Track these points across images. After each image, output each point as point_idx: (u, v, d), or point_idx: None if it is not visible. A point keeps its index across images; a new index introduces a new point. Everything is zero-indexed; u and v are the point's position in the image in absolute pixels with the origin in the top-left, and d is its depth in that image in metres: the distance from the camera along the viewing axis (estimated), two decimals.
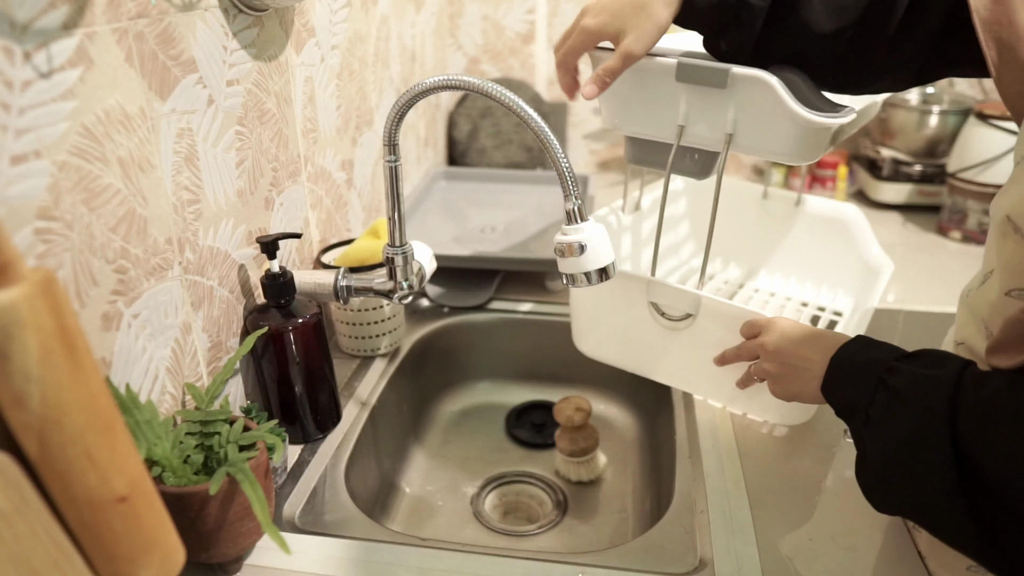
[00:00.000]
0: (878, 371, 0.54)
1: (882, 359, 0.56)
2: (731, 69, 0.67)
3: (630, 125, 0.79)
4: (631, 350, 0.87)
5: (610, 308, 0.85)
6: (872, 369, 0.55)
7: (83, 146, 0.53)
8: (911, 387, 0.51)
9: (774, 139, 0.70)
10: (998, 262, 0.52)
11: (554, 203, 1.31)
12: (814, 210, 1.08)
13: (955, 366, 0.50)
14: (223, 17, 0.70)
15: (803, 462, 0.76)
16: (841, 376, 0.60)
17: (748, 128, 0.71)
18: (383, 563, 0.64)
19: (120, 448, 0.42)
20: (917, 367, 0.53)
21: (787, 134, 0.69)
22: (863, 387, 0.55)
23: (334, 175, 0.99)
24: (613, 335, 0.88)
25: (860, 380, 0.56)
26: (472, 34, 1.60)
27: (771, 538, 0.66)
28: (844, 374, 0.59)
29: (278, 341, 0.74)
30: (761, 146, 0.72)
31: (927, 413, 0.48)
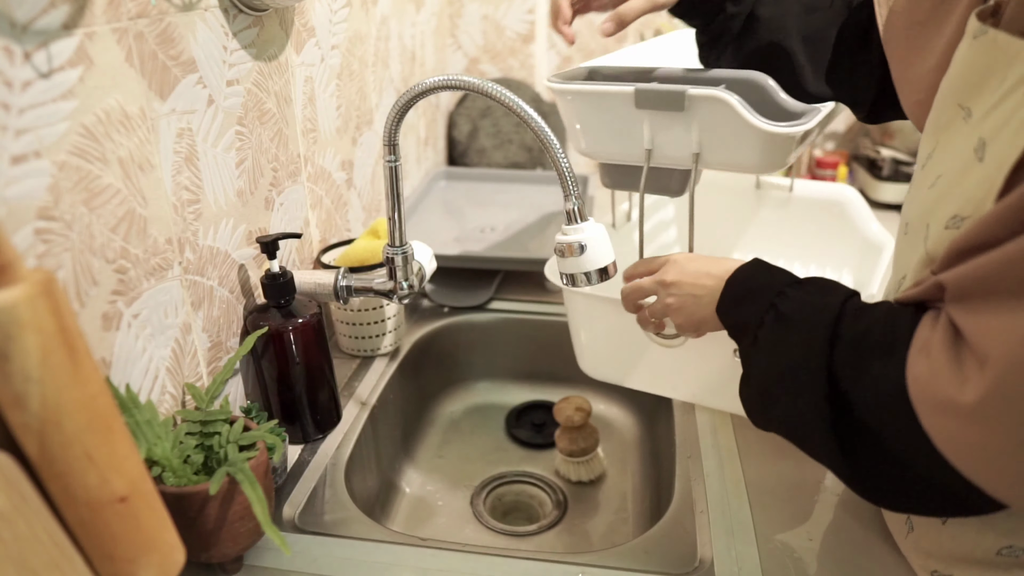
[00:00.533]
0: (770, 295, 0.56)
1: (775, 283, 0.57)
2: (687, 91, 0.67)
3: (601, 152, 0.80)
4: (633, 369, 0.86)
5: (607, 330, 0.85)
6: (765, 292, 0.57)
7: (83, 146, 0.53)
8: (797, 312, 0.53)
9: (740, 153, 0.70)
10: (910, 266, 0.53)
11: (554, 203, 1.31)
12: (809, 194, 1.07)
13: (841, 295, 0.52)
14: (223, 17, 0.70)
15: (803, 462, 0.75)
16: (735, 297, 0.60)
17: (713, 145, 0.71)
18: (383, 563, 0.64)
19: (120, 448, 0.42)
20: (806, 293, 0.54)
21: (751, 147, 0.69)
22: (754, 309, 0.56)
23: (334, 175, 0.99)
24: (613, 356, 0.87)
25: (752, 302, 0.57)
26: (472, 34, 1.60)
27: (771, 538, 0.66)
28: (738, 295, 0.60)
29: (278, 341, 0.74)
30: (729, 161, 0.72)
31: (808, 340, 0.51)
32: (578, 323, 0.87)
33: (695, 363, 0.80)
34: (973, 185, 0.44)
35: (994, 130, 0.44)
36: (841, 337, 0.49)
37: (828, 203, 1.06)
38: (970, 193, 0.45)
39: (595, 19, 1.56)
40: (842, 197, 1.04)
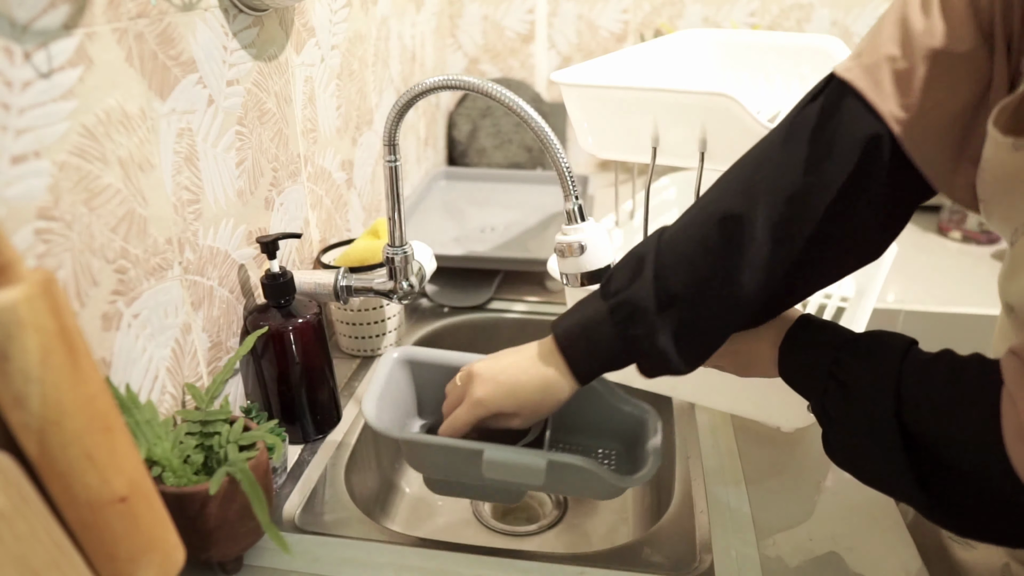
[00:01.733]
0: (826, 363, 0.55)
1: (826, 350, 0.55)
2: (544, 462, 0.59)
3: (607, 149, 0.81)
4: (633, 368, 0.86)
5: None
6: (821, 360, 0.55)
7: (83, 146, 0.53)
8: (857, 381, 0.52)
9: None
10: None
11: (554, 203, 1.31)
12: None
13: (897, 354, 0.51)
14: (223, 17, 0.70)
15: (803, 462, 0.76)
16: (793, 366, 0.59)
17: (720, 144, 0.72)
18: (383, 563, 0.64)
19: (120, 448, 0.42)
20: (860, 357, 0.53)
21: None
22: (814, 379, 0.56)
23: (334, 175, 0.99)
24: None
25: (811, 371, 0.56)
26: (472, 34, 1.60)
27: (771, 537, 0.66)
28: (796, 363, 0.59)
29: (278, 341, 0.74)
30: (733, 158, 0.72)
31: (874, 408, 0.50)
32: None
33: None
34: None
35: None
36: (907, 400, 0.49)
37: None
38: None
39: (595, 19, 1.56)
40: None
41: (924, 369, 0.50)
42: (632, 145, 0.77)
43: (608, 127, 0.77)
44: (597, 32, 1.57)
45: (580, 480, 0.61)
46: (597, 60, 0.89)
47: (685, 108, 0.70)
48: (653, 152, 0.75)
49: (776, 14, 1.47)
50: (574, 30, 1.58)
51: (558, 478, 0.60)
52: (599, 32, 1.57)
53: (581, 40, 1.58)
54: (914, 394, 0.49)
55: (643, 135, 0.75)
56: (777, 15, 1.47)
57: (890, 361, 0.51)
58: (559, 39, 1.59)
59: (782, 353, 0.59)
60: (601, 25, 1.57)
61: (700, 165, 0.73)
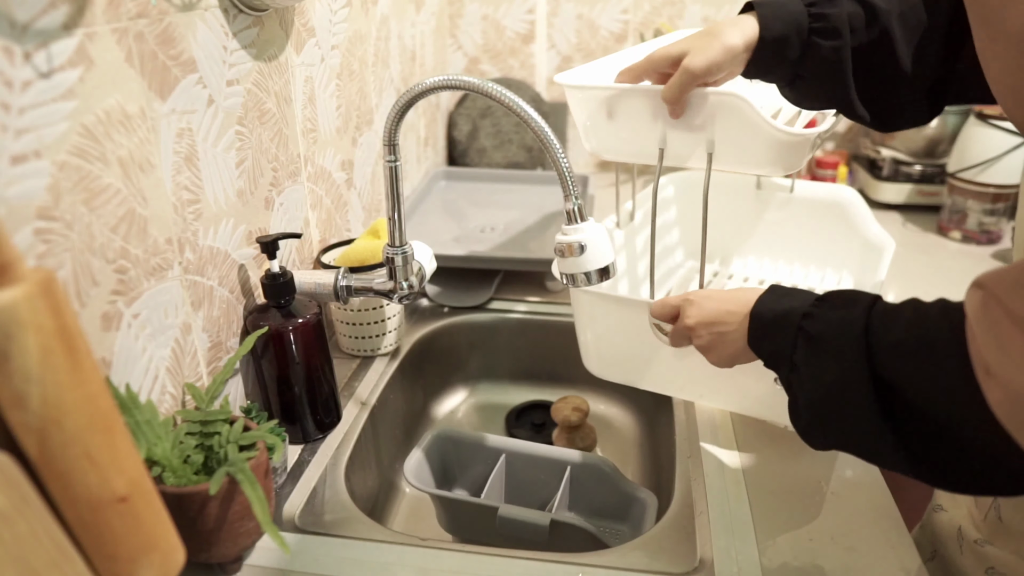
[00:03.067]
0: (795, 319, 0.57)
1: (797, 307, 0.58)
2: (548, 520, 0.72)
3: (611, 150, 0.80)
4: (640, 369, 0.86)
5: (615, 332, 0.84)
6: (789, 318, 0.57)
7: (83, 146, 0.53)
8: (827, 332, 0.54)
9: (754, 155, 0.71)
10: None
11: (554, 203, 1.31)
12: (809, 195, 1.08)
13: (863, 306, 0.53)
14: (223, 17, 0.70)
15: (803, 462, 0.76)
16: (762, 329, 0.61)
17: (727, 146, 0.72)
18: (383, 563, 0.64)
19: (120, 448, 0.42)
20: (829, 310, 0.55)
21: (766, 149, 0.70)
22: (784, 337, 0.57)
23: (334, 175, 0.99)
24: (621, 357, 0.87)
25: (780, 331, 0.58)
26: (472, 34, 1.60)
27: (771, 538, 0.66)
28: (764, 326, 0.61)
29: (278, 341, 0.74)
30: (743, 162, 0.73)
31: (844, 356, 0.52)
32: (584, 322, 0.87)
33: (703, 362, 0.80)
34: None
35: None
36: (875, 348, 0.50)
37: (829, 204, 1.06)
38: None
39: (595, 19, 1.56)
40: (842, 198, 1.05)
41: (890, 315, 0.51)
42: (638, 147, 0.77)
43: (613, 129, 0.77)
44: (597, 32, 1.57)
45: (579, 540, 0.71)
46: (599, 61, 0.89)
47: (693, 109, 0.70)
48: (660, 154, 0.75)
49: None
50: (574, 30, 1.58)
51: (560, 536, 0.71)
52: (599, 32, 1.57)
53: (581, 40, 1.58)
54: (881, 339, 0.50)
55: (649, 137, 0.75)
56: None
57: (858, 310, 0.53)
58: (559, 39, 1.59)
59: (753, 319, 0.61)
60: (601, 25, 1.57)
61: (708, 166, 0.73)
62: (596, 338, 0.87)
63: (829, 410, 0.54)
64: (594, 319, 0.86)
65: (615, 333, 0.85)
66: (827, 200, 1.06)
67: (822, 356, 0.54)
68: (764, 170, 0.74)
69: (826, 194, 1.06)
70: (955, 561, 0.68)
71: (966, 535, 0.67)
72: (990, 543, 0.65)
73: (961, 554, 0.67)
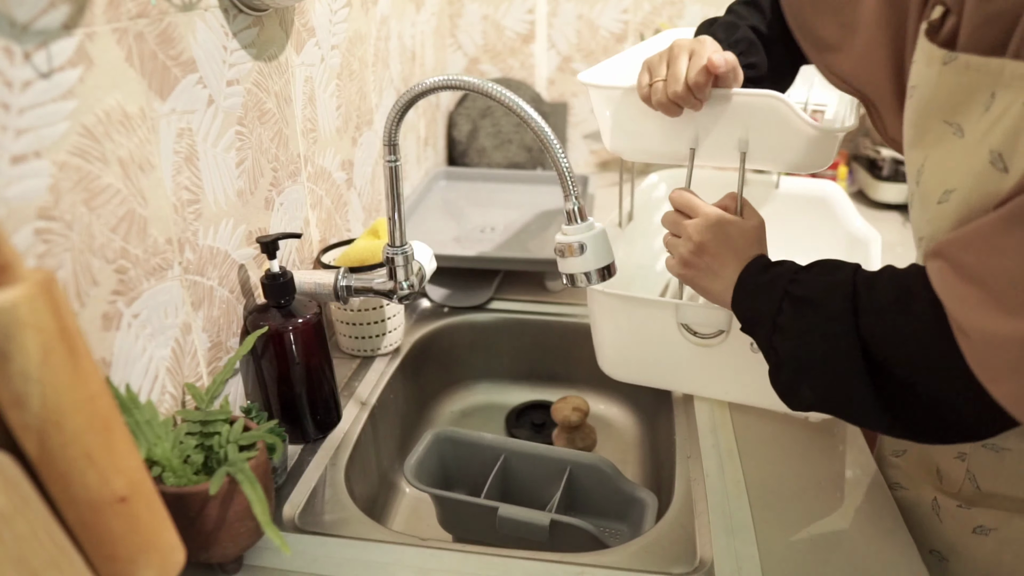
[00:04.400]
0: (781, 283, 0.60)
1: (783, 273, 0.62)
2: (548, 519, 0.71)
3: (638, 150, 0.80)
4: (661, 369, 0.86)
5: (637, 332, 0.84)
6: (776, 283, 0.61)
7: (83, 146, 0.53)
8: (815, 293, 0.58)
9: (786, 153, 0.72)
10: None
11: (554, 203, 1.31)
12: (794, 191, 1.09)
13: (848, 271, 0.58)
14: (223, 17, 0.70)
15: (803, 462, 0.76)
16: (746, 293, 0.64)
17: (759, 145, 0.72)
18: (383, 563, 0.64)
19: (120, 448, 0.42)
20: (816, 275, 0.60)
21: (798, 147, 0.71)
22: (769, 300, 0.61)
23: (334, 175, 0.99)
24: (641, 358, 0.86)
25: (765, 294, 0.62)
26: (472, 34, 1.60)
27: (771, 538, 0.66)
28: (749, 291, 0.64)
29: (278, 341, 0.74)
30: (774, 160, 0.74)
31: (832, 314, 0.55)
32: (601, 323, 0.87)
33: (728, 361, 0.80)
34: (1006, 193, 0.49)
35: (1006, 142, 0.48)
36: (861, 308, 0.54)
37: (813, 199, 1.07)
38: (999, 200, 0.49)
39: (595, 19, 1.56)
40: (826, 193, 1.06)
41: (872, 279, 0.56)
42: (667, 148, 0.76)
43: (641, 130, 0.76)
44: (597, 32, 1.57)
45: (579, 540, 0.71)
46: (620, 56, 0.88)
47: (728, 109, 0.70)
48: (691, 155, 0.75)
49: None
50: (574, 30, 1.58)
51: (560, 536, 0.71)
52: (599, 32, 1.57)
53: (581, 40, 1.58)
54: (865, 301, 0.54)
55: (680, 138, 0.74)
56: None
57: (844, 275, 0.57)
58: (559, 39, 1.59)
59: (739, 282, 0.65)
60: (601, 25, 1.56)
61: (741, 167, 0.73)
62: (613, 338, 0.87)
63: (815, 368, 0.57)
64: (611, 320, 0.85)
65: (634, 333, 0.84)
66: (812, 195, 1.07)
67: (810, 316, 0.57)
68: (794, 168, 0.74)
69: (811, 189, 1.08)
70: (934, 530, 0.69)
71: (943, 504, 0.68)
72: (977, 505, 0.66)
73: (941, 522, 0.68)
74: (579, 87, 1.62)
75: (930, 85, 0.55)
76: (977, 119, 0.51)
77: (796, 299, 0.59)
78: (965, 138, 0.53)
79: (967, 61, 0.51)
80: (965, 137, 0.53)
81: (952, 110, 0.53)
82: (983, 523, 0.65)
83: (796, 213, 1.08)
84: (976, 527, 0.65)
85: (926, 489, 0.70)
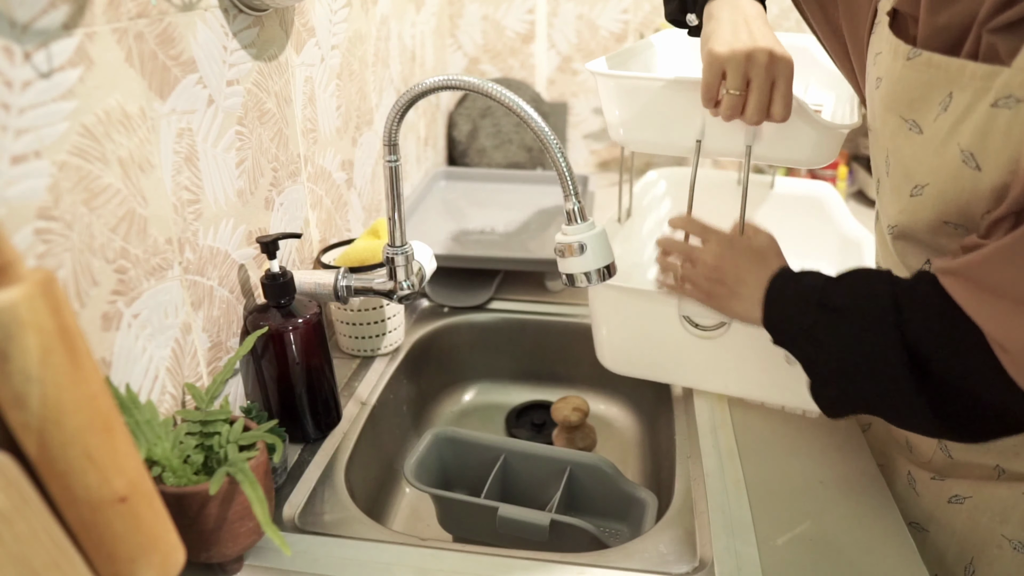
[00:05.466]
0: (814, 296, 0.60)
1: (814, 284, 0.61)
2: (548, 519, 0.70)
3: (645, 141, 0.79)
4: (662, 362, 0.86)
5: (639, 325, 0.84)
6: (807, 295, 0.61)
7: (83, 146, 0.53)
8: (853, 303, 0.57)
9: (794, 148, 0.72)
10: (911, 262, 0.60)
11: (554, 203, 1.31)
12: (788, 191, 1.09)
13: (885, 280, 0.57)
14: (223, 17, 0.70)
15: (803, 462, 0.76)
16: (777, 309, 0.64)
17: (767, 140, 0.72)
18: (383, 563, 0.64)
19: (120, 448, 0.42)
20: (851, 284, 0.59)
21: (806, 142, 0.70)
22: (803, 312, 0.60)
23: (334, 175, 0.99)
24: (642, 351, 0.87)
25: (797, 308, 0.61)
26: (472, 34, 1.60)
27: (771, 538, 0.66)
28: (780, 306, 0.64)
29: (278, 341, 0.74)
30: (780, 156, 0.74)
31: (875, 324, 0.55)
32: (601, 317, 0.87)
33: (730, 354, 0.80)
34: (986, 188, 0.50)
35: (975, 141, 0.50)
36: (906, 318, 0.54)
37: (807, 199, 1.08)
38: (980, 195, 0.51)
39: (595, 19, 1.56)
40: (820, 194, 1.07)
41: (913, 286, 0.55)
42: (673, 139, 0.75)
43: (648, 120, 0.76)
44: (597, 32, 1.57)
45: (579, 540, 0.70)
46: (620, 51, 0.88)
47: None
48: (697, 147, 0.75)
49: (776, 14, 1.47)
50: (574, 30, 1.58)
51: (560, 536, 0.71)
52: (599, 32, 1.57)
53: (581, 40, 1.58)
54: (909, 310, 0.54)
55: (687, 129, 0.74)
56: (777, 15, 1.47)
57: (881, 284, 0.57)
58: (559, 39, 1.59)
59: (768, 298, 0.64)
60: (601, 25, 1.56)
61: (747, 160, 0.73)
62: (614, 332, 0.87)
63: (860, 378, 0.56)
64: (612, 313, 0.85)
65: (635, 327, 0.85)
66: (805, 195, 1.08)
67: (853, 327, 0.57)
68: (797, 163, 0.74)
69: (804, 190, 1.08)
70: (912, 503, 0.71)
71: (918, 477, 0.70)
72: (950, 476, 0.67)
73: (918, 495, 0.70)
74: (579, 87, 1.62)
75: (893, 78, 0.56)
76: (935, 117, 0.52)
77: (834, 309, 0.58)
78: (924, 135, 0.54)
79: (929, 59, 0.52)
80: (924, 134, 0.54)
81: (908, 106, 0.54)
82: (958, 492, 0.66)
83: (790, 214, 1.09)
84: (952, 496, 0.67)
85: (899, 462, 0.71)
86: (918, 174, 0.55)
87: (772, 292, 0.64)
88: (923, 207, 0.55)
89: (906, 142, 0.56)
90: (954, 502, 0.66)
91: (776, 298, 0.64)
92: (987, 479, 0.64)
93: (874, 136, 0.62)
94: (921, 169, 0.55)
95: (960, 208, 0.53)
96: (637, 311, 0.83)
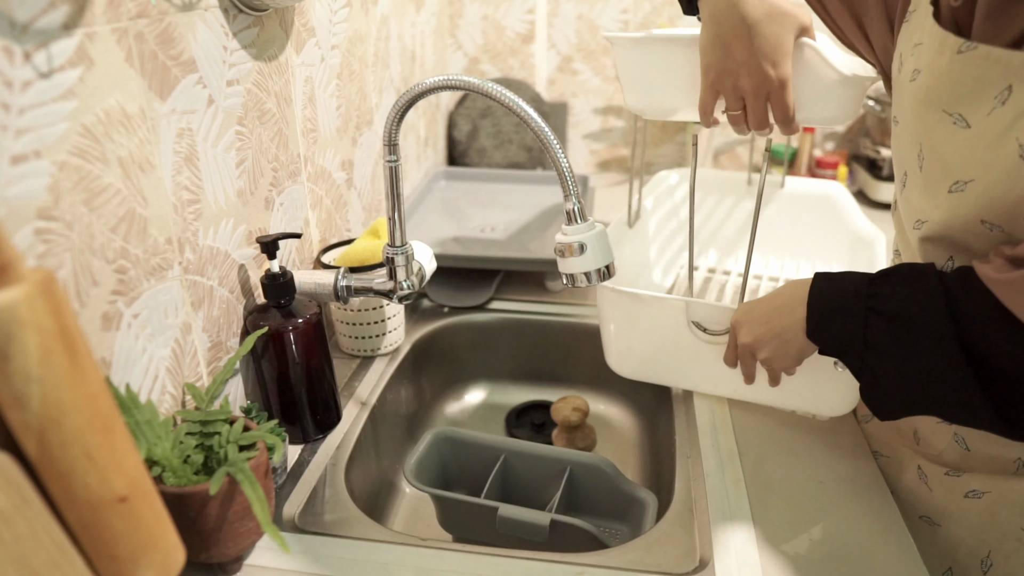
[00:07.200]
0: (861, 300, 0.58)
1: (856, 289, 0.59)
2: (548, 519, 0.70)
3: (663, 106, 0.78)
4: (670, 367, 0.86)
5: (647, 330, 0.84)
6: (853, 301, 0.58)
7: (83, 146, 0.53)
8: (905, 305, 0.55)
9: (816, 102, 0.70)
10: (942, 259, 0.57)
11: (554, 203, 1.31)
12: (799, 191, 1.09)
13: (933, 278, 0.55)
14: (223, 17, 0.70)
15: (803, 462, 0.76)
16: (822, 316, 0.62)
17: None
18: (383, 563, 0.64)
19: (120, 448, 0.42)
20: (897, 286, 0.57)
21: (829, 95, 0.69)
22: (851, 320, 0.58)
23: (334, 175, 0.99)
24: (650, 355, 0.86)
25: (845, 315, 0.59)
26: (472, 34, 1.60)
27: (771, 538, 0.66)
28: (826, 315, 0.62)
29: (278, 341, 0.74)
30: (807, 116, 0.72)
31: (931, 325, 0.53)
32: (609, 321, 0.87)
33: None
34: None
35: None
36: (962, 316, 0.52)
37: (818, 199, 1.08)
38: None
39: (595, 19, 1.56)
40: (831, 193, 1.06)
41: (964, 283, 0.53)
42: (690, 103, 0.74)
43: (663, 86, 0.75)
44: (597, 32, 1.57)
45: (579, 540, 0.70)
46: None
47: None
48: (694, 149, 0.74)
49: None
50: (574, 30, 1.58)
51: (560, 536, 0.71)
52: (599, 32, 1.57)
53: (581, 40, 1.58)
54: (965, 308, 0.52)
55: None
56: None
57: (931, 282, 0.54)
58: (559, 39, 1.59)
59: (811, 310, 0.62)
60: (601, 25, 1.56)
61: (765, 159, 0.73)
62: (622, 336, 0.87)
63: (920, 381, 0.55)
64: (622, 317, 0.85)
65: (644, 331, 0.84)
66: (816, 195, 1.08)
67: (907, 330, 0.55)
68: (818, 121, 0.73)
69: (815, 189, 1.08)
70: (924, 498, 0.70)
71: (929, 472, 0.69)
72: (965, 471, 0.66)
73: (931, 490, 0.69)
74: (579, 87, 1.62)
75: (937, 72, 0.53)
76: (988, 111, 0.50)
77: (884, 314, 0.56)
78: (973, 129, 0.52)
79: (987, 52, 0.49)
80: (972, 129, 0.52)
81: (955, 100, 0.52)
82: (976, 487, 0.65)
83: (801, 213, 1.08)
84: (969, 492, 0.66)
85: (906, 454, 0.70)
86: (960, 169, 0.53)
87: (813, 306, 0.62)
88: (963, 203, 0.54)
89: (947, 137, 0.54)
90: (971, 497, 0.65)
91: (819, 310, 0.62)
92: (1006, 473, 0.63)
93: (902, 129, 0.60)
94: (965, 165, 0.53)
95: (1006, 206, 0.51)
96: (646, 316, 0.82)
